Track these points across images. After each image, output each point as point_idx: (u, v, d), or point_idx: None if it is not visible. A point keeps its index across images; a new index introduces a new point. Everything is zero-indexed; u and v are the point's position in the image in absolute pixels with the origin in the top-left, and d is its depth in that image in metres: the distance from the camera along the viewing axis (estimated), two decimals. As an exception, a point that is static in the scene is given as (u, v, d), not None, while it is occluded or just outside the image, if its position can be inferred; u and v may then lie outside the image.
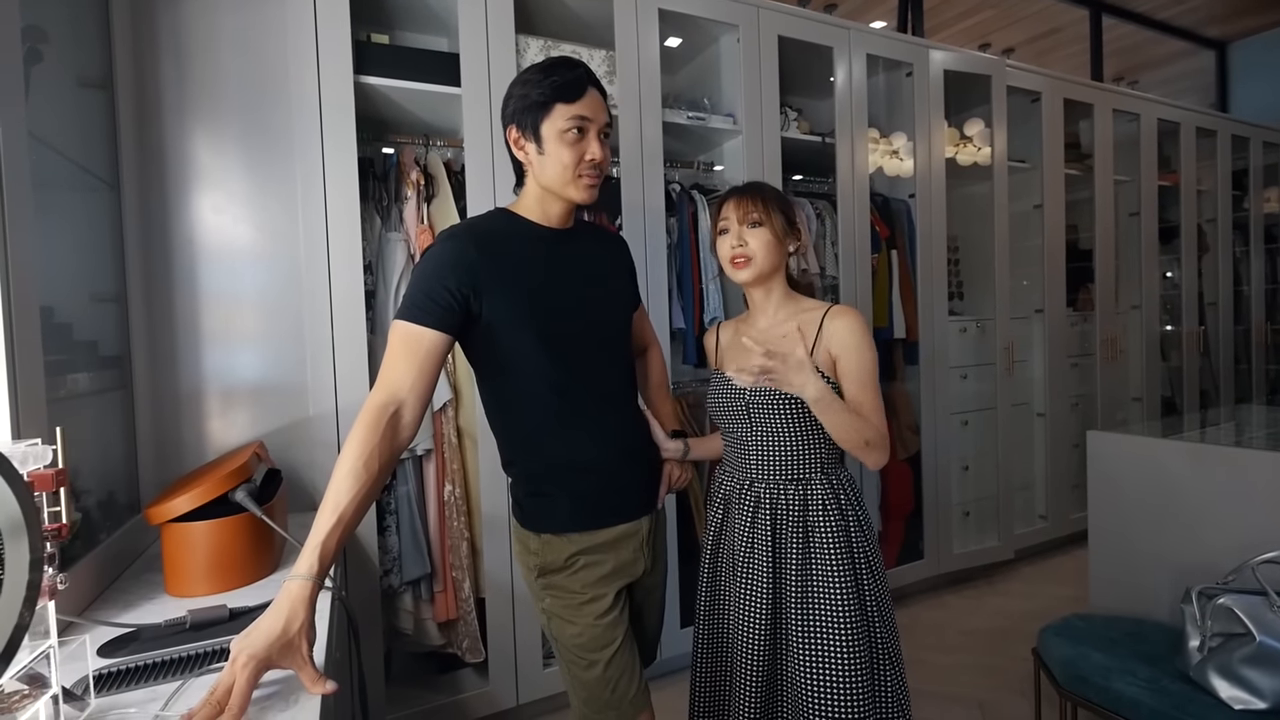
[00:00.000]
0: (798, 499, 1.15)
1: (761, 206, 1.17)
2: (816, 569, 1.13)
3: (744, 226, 1.17)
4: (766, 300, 1.23)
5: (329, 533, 0.81)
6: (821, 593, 1.12)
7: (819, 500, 1.15)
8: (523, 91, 1.02)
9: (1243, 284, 4.11)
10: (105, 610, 1.04)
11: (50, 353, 1.06)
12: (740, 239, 1.17)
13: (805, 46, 2.33)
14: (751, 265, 1.17)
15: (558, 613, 1.09)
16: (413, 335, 0.94)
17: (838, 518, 1.14)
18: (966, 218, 2.99)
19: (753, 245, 1.16)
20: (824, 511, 1.14)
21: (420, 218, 1.84)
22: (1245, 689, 1.21)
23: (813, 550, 1.14)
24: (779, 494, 1.16)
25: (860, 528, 1.16)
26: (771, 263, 1.17)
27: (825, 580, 1.12)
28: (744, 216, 1.17)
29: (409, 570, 1.77)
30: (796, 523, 1.14)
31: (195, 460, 1.54)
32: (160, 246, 1.53)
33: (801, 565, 1.14)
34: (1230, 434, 1.99)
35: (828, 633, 1.10)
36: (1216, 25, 4.65)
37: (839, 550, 1.12)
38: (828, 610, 1.11)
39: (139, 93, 1.51)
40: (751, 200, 1.17)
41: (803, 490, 1.15)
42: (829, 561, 1.12)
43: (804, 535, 1.14)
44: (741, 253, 1.17)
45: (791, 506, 1.15)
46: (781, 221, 1.17)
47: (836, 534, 1.13)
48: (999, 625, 2.43)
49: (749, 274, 1.17)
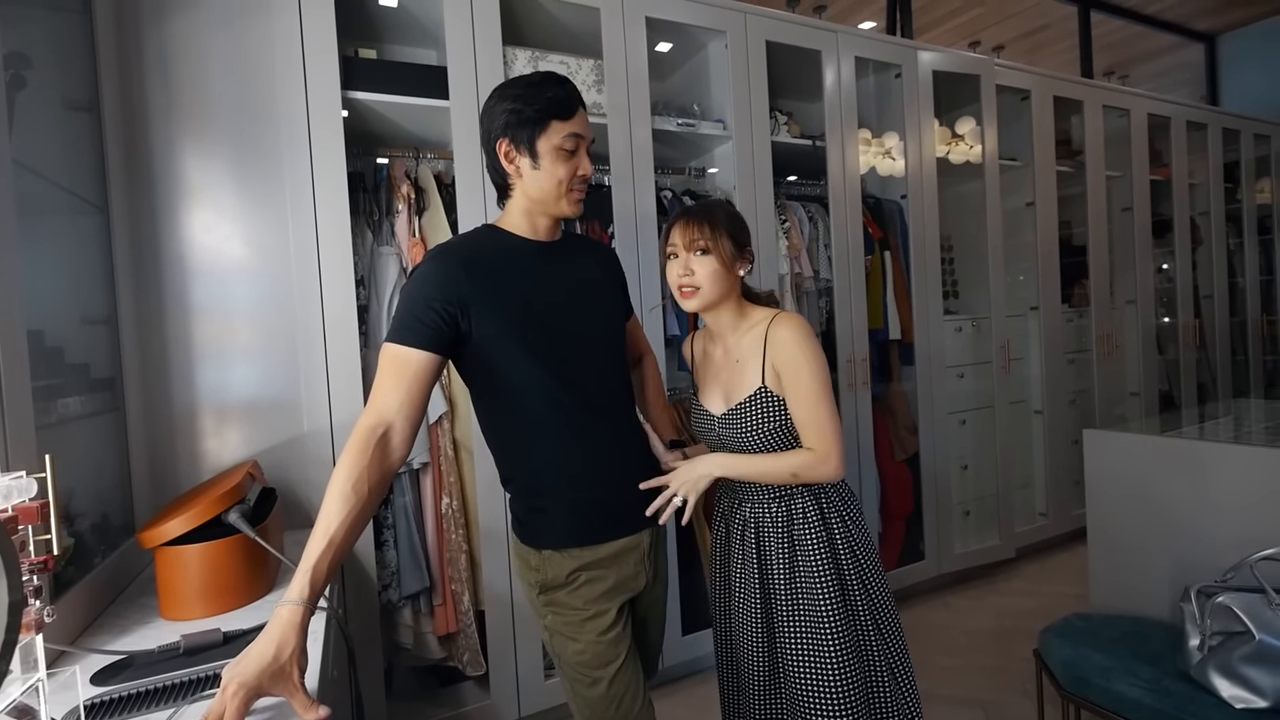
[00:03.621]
0: (782, 515, 1.15)
1: (709, 232, 1.11)
2: (802, 581, 1.13)
3: (691, 254, 1.12)
4: (718, 324, 1.19)
5: (320, 556, 0.80)
6: (807, 606, 1.12)
7: (801, 513, 1.15)
8: (514, 106, 1.01)
9: (1237, 276, 4.12)
10: (99, 636, 1.03)
11: (42, 377, 1.06)
12: (687, 267, 1.12)
13: (793, 50, 2.34)
14: (698, 296, 1.12)
15: (560, 630, 1.08)
16: (401, 356, 0.94)
17: (821, 529, 1.14)
18: (959, 217, 2.99)
19: (699, 274, 1.11)
20: (807, 524, 1.14)
21: (412, 230, 1.84)
22: (1246, 688, 1.21)
23: (798, 563, 1.14)
24: (764, 512, 1.17)
25: (849, 539, 1.15)
26: (719, 291, 1.13)
27: (810, 593, 1.12)
28: (690, 243, 1.11)
29: (408, 584, 1.76)
30: (782, 537, 1.15)
31: (190, 480, 1.53)
32: (151, 267, 1.53)
33: (788, 578, 1.14)
34: (1228, 429, 1.98)
35: (815, 645, 1.11)
36: (1205, 18, 4.67)
37: (823, 562, 1.12)
38: (814, 623, 1.11)
39: (126, 114, 1.51)
40: (699, 225, 1.11)
41: (786, 506, 1.16)
42: (814, 574, 1.12)
43: (789, 549, 1.14)
44: (688, 282, 1.12)
45: (776, 522, 1.15)
46: (729, 246, 1.11)
47: (820, 546, 1.13)
48: (1002, 625, 2.42)
49: (696, 303, 1.13)
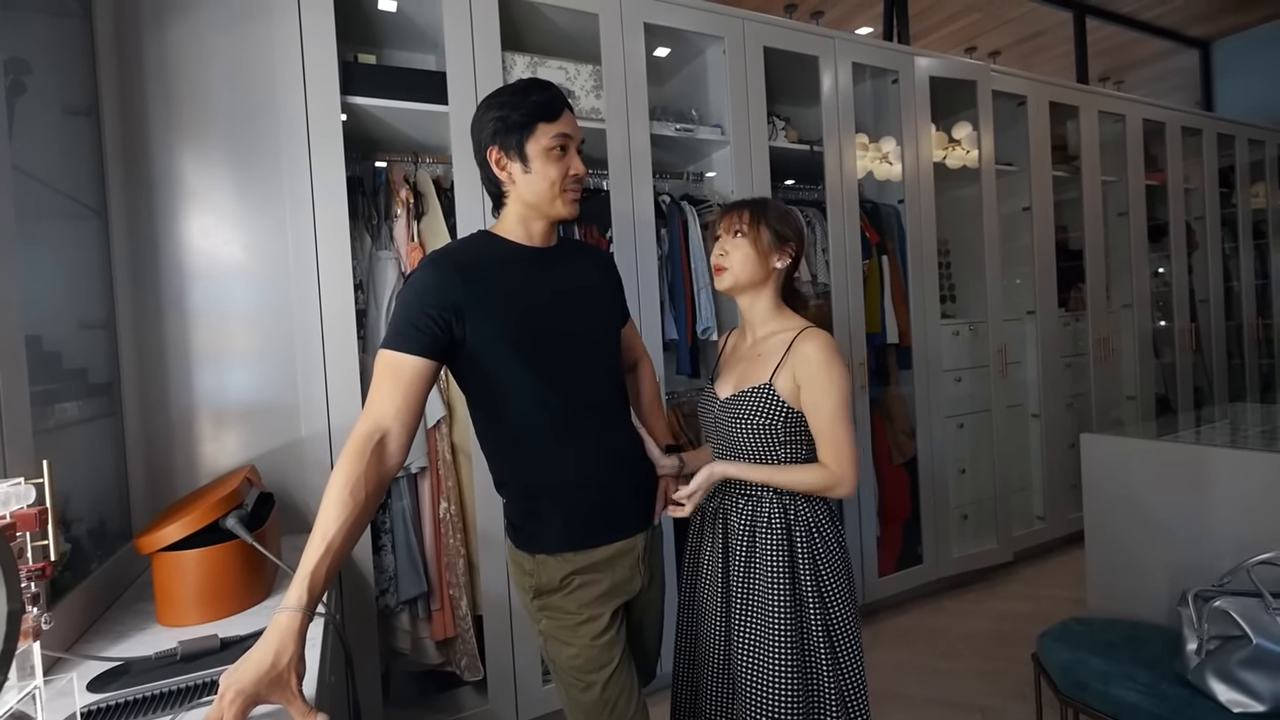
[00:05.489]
0: (747, 514, 1.16)
1: (748, 218, 1.19)
2: (757, 589, 1.13)
3: (728, 236, 1.20)
4: (750, 312, 1.24)
5: (318, 563, 0.80)
6: (759, 609, 1.13)
7: (765, 518, 1.14)
8: (501, 114, 1.02)
9: (1233, 280, 4.13)
10: (96, 642, 1.03)
11: (40, 382, 1.06)
12: (723, 248, 1.20)
13: (791, 56, 2.35)
14: (727, 275, 1.19)
15: (554, 634, 1.08)
16: (396, 362, 0.94)
17: (783, 537, 1.13)
18: (956, 221, 3.00)
19: (731, 256, 1.19)
20: (770, 527, 1.14)
21: (410, 235, 1.84)
22: (1243, 692, 1.21)
23: (755, 563, 1.14)
24: (730, 508, 1.18)
25: (812, 550, 1.13)
26: (748, 274, 1.18)
27: (763, 596, 1.12)
28: (729, 227, 1.20)
29: (405, 589, 1.76)
30: (745, 538, 1.15)
31: (187, 485, 1.53)
32: (149, 271, 1.53)
33: (745, 581, 1.14)
34: (1224, 433, 1.99)
35: (761, 652, 1.11)
36: (1199, 24, 4.69)
37: (780, 573, 1.12)
38: (762, 629, 1.11)
39: (125, 118, 1.51)
40: (740, 212, 1.20)
41: (752, 506, 1.16)
42: (769, 579, 1.12)
43: (749, 551, 1.15)
44: (720, 261, 1.20)
45: (741, 521, 1.16)
46: (768, 236, 1.18)
47: (779, 555, 1.12)
48: (999, 629, 2.42)
49: (725, 282, 1.20)
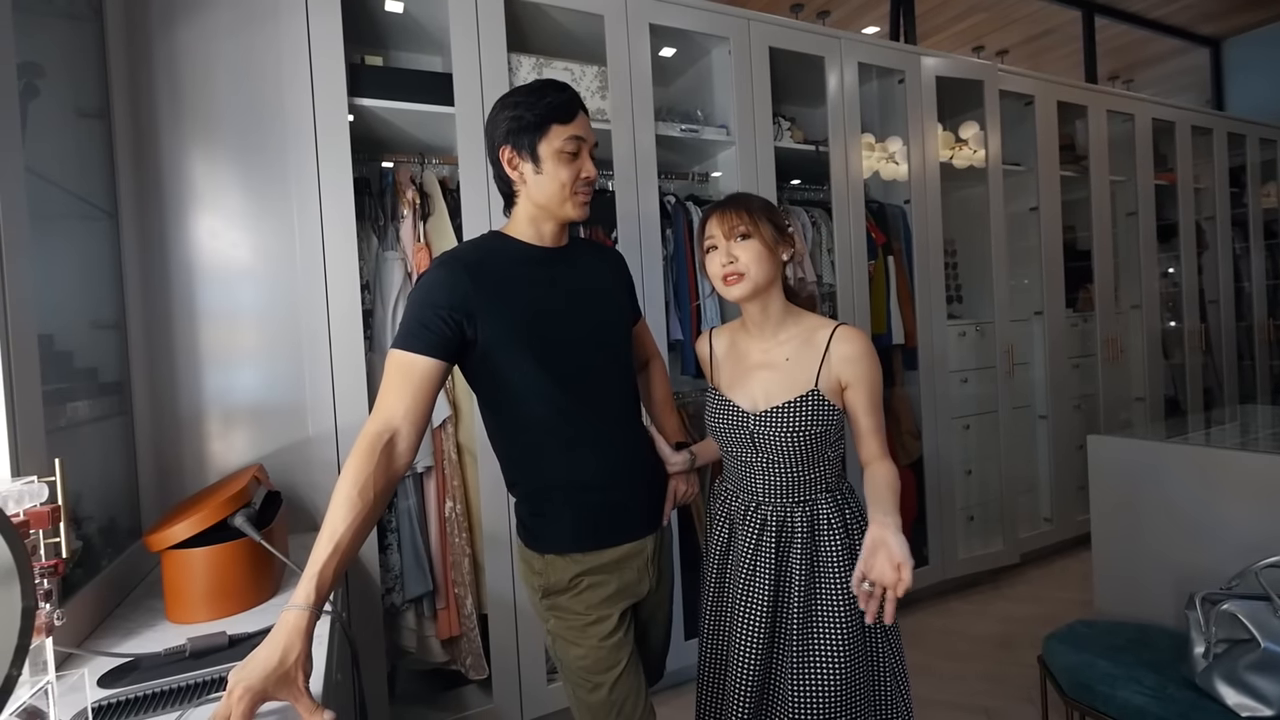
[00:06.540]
0: (804, 520, 1.14)
1: (747, 218, 1.10)
2: (821, 582, 1.12)
3: (731, 241, 1.10)
4: (764, 316, 1.16)
5: (326, 561, 0.81)
6: (822, 605, 1.11)
7: (825, 520, 1.14)
8: (515, 114, 1.03)
9: (1243, 280, 4.10)
10: (106, 638, 1.04)
11: (51, 381, 1.07)
12: (729, 255, 1.10)
13: (797, 57, 2.35)
14: (746, 280, 1.10)
15: (562, 634, 1.08)
16: (406, 362, 0.95)
17: (843, 537, 1.13)
18: (963, 221, 2.99)
19: (744, 259, 1.09)
20: (830, 531, 1.13)
21: (417, 236, 1.85)
22: (1251, 696, 1.20)
23: (818, 566, 1.13)
24: (786, 516, 1.15)
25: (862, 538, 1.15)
26: (766, 275, 1.11)
27: (827, 592, 1.11)
28: (730, 231, 1.10)
29: (411, 588, 1.77)
30: (804, 544, 1.13)
31: (196, 483, 1.54)
32: (159, 272, 1.54)
33: (806, 587, 1.12)
34: (1234, 435, 1.98)
35: (823, 645, 1.10)
36: (1210, 23, 4.65)
37: (842, 562, 1.12)
38: (826, 622, 1.11)
39: (135, 121, 1.53)
40: (736, 213, 1.11)
41: (809, 511, 1.14)
42: (831, 574, 1.12)
43: (810, 557, 1.13)
44: (733, 269, 1.10)
45: (798, 528, 1.14)
46: (771, 230, 1.11)
47: (841, 556, 1.12)
48: (1006, 631, 2.41)
49: (744, 289, 1.11)
